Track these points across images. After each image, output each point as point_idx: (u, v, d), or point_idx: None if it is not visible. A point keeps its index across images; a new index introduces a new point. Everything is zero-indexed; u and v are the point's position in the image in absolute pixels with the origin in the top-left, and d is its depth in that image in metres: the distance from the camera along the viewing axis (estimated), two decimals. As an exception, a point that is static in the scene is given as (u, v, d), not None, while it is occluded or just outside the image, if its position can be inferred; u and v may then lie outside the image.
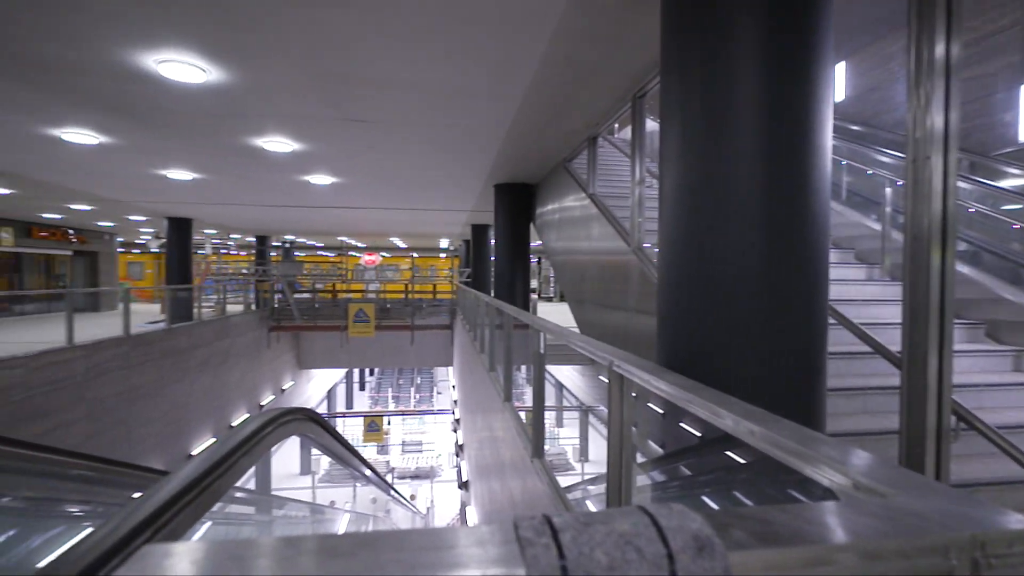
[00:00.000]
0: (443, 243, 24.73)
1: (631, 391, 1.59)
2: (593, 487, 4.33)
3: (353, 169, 7.64)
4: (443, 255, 30.21)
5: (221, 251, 21.31)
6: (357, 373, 30.76)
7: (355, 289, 17.86)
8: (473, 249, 14.59)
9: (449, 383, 23.39)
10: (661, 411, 2.89)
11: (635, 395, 1.64)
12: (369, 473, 6.02)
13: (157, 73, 4.03)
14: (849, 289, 4.25)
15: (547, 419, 4.10)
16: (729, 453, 2.28)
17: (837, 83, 7.29)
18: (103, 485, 2.84)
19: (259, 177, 8.19)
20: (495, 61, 3.84)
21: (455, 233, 18.32)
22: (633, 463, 1.73)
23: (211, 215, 13.12)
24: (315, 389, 19.42)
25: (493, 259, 10.39)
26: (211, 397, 10.98)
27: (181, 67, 3.91)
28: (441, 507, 17.10)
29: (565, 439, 19.18)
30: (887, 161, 5.46)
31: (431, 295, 16.65)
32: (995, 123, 5.21)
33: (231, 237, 21.09)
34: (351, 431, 19.10)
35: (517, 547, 0.32)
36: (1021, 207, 4.41)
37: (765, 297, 2.08)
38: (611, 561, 0.31)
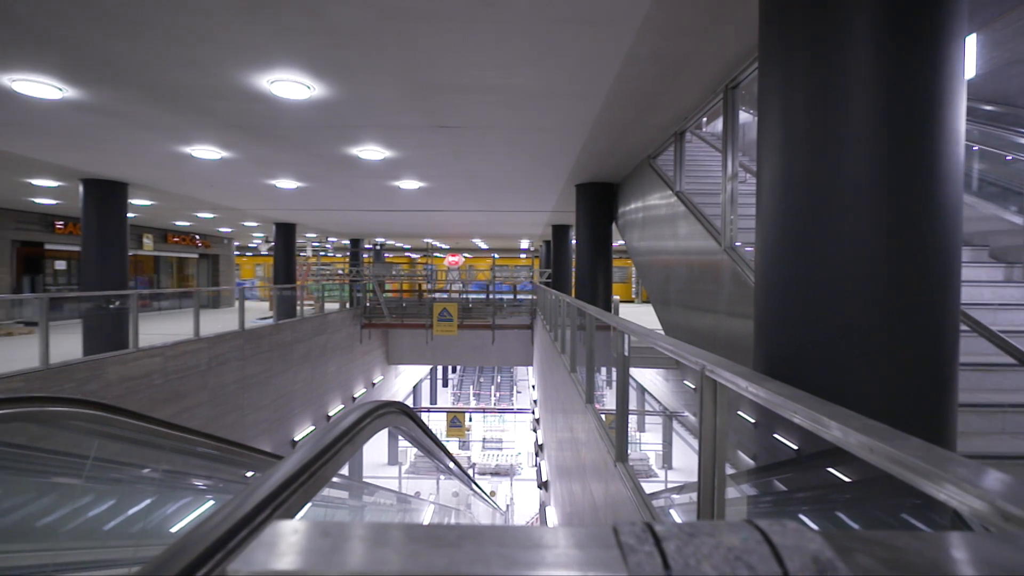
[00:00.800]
0: (523, 244, 24.98)
1: (724, 398, 1.50)
2: (678, 496, 4.16)
3: (439, 173, 7.95)
4: (523, 255, 30.50)
5: (320, 253, 23.08)
6: (440, 370, 31.91)
7: (438, 289, 18.54)
8: (553, 249, 14.61)
9: (529, 382, 23.58)
10: (752, 420, 2.71)
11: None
12: (453, 467, 6.22)
13: (269, 92, 4.47)
14: (984, 291, 3.88)
15: (629, 424, 4.00)
16: (831, 470, 2.08)
17: (968, 57, 6.42)
18: (222, 463, 3.18)
19: (353, 183, 8.77)
20: (579, 60, 3.82)
21: (536, 234, 18.44)
22: (725, 474, 1.64)
23: (312, 220, 14.27)
24: (402, 384, 20.40)
25: (574, 258, 10.33)
26: (311, 388, 11.91)
27: (290, 85, 4.32)
28: (520, 505, 17.27)
29: (647, 445, 18.65)
30: (1032, 145, 4.74)
31: (512, 296, 16.88)
32: None
33: (328, 240, 22.76)
34: (434, 426, 19.78)
35: (618, 552, 0.32)
36: None
37: (884, 301, 1.86)
38: (721, 576, 0.29)
